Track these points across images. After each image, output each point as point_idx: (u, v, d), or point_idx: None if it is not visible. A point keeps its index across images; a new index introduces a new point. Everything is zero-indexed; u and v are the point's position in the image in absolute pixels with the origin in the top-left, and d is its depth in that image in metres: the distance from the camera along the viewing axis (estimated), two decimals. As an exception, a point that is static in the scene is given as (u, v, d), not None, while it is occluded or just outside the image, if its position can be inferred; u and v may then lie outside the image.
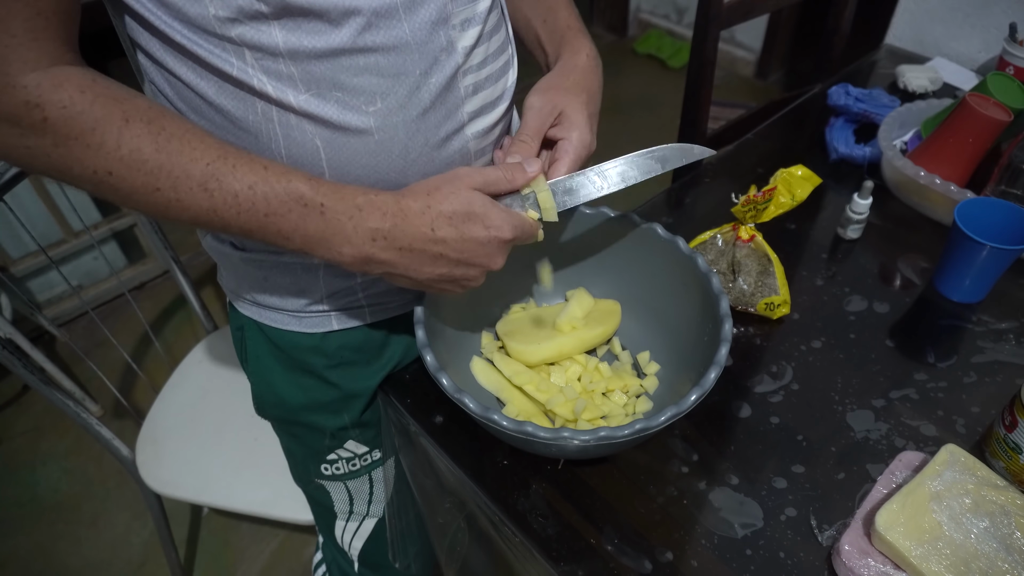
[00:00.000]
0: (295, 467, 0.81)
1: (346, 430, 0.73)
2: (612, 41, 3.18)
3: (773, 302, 0.76)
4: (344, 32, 0.49)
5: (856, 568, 0.54)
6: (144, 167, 0.45)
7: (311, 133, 0.52)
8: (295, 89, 0.50)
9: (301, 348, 0.67)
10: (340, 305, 0.65)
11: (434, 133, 0.56)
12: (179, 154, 0.46)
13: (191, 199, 0.47)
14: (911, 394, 0.70)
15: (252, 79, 0.49)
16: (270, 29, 0.47)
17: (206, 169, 0.46)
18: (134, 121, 0.45)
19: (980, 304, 0.80)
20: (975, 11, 1.21)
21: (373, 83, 0.52)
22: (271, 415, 0.75)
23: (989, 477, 0.57)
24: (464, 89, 0.57)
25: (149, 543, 1.44)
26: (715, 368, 0.55)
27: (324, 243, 0.50)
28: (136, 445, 1.10)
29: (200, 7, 0.46)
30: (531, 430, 0.52)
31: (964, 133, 0.87)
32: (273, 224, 0.49)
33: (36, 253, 1.72)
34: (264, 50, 0.48)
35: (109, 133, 0.44)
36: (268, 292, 0.64)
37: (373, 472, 0.78)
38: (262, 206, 0.48)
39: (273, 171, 0.48)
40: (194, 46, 0.48)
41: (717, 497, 0.62)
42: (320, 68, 0.50)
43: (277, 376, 0.69)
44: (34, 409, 1.70)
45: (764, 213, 0.76)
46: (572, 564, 0.58)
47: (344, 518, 0.81)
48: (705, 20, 1.09)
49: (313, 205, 0.49)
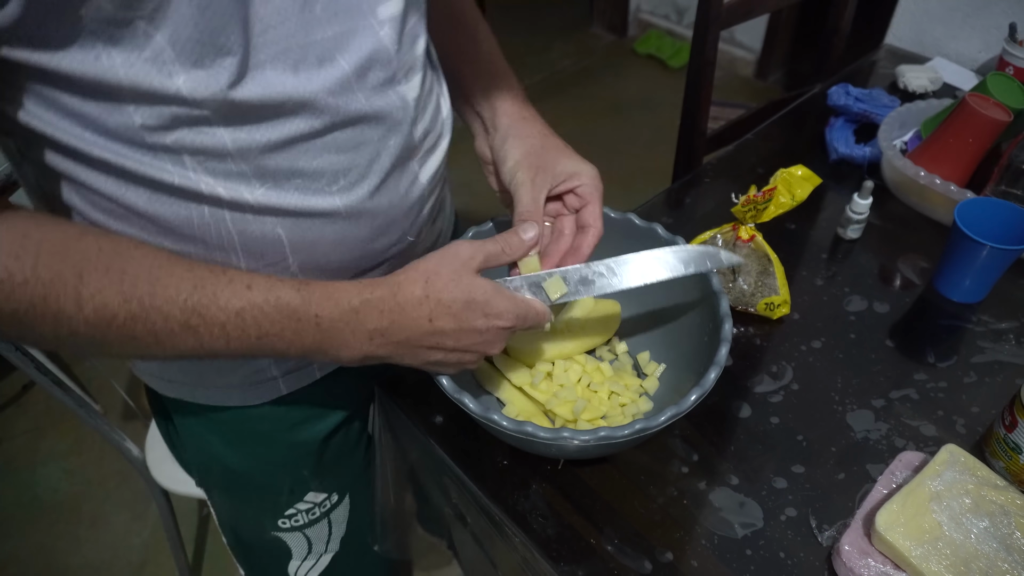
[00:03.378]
0: (243, 526, 0.74)
1: (305, 482, 0.69)
2: (612, 41, 3.18)
3: (773, 302, 0.76)
4: (299, 120, 0.45)
5: (856, 568, 0.54)
6: (115, 321, 0.39)
7: (271, 224, 0.49)
8: (249, 186, 0.46)
9: (248, 419, 0.63)
10: (288, 368, 0.61)
11: (395, 193, 0.54)
12: (151, 297, 0.40)
13: (173, 341, 0.42)
14: (911, 394, 0.70)
15: (198, 184, 0.45)
16: (213, 131, 0.43)
17: (184, 305, 0.41)
18: (89, 274, 0.38)
19: (980, 304, 0.80)
20: (975, 11, 1.21)
21: (334, 161, 0.49)
22: (218, 484, 0.70)
23: (989, 477, 0.57)
24: (418, 140, 0.55)
25: (149, 543, 1.44)
26: (715, 368, 0.55)
27: (321, 351, 0.47)
28: (145, 444, 1.10)
29: (124, 117, 0.40)
30: (531, 430, 0.52)
31: (964, 133, 0.87)
32: (267, 344, 0.45)
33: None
34: (208, 152, 0.44)
35: (65, 298, 0.37)
36: (204, 367, 0.59)
37: (332, 514, 0.74)
38: (253, 330, 0.44)
39: (257, 289, 0.43)
40: (119, 158, 0.42)
41: (717, 497, 0.62)
42: (275, 160, 0.46)
43: (220, 450, 0.65)
44: (34, 409, 1.70)
45: (764, 213, 0.76)
46: (572, 564, 0.58)
47: (300, 560, 0.75)
48: (705, 20, 1.09)
49: (307, 318, 0.45)
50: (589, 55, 3.08)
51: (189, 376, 0.60)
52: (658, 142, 1.70)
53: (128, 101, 0.40)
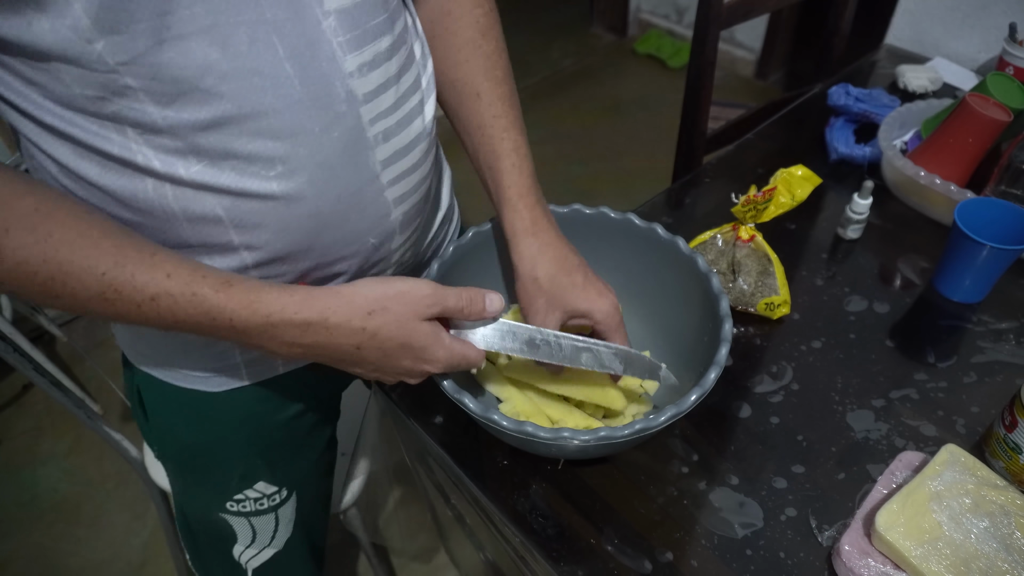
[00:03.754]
0: (192, 503, 0.74)
1: (257, 471, 0.70)
2: (612, 41, 3.18)
3: (773, 302, 0.76)
4: (226, 100, 0.45)
5: (856, 568, 0.54)
6: (36, 278, 0.42)
7: (211, 203, 0.49)
8: (185, 162, 0.47)
9: (209, 402, 0.64)
10: (252, 356, 0.62)
11: (344, 187, 0.53)
12: (70, 264, 0.42)
13: (92, 306, 0.44)
14: (911, 394, 0.70)
15: (136, 155, 0.46)
16: (143, 106, 0.44)
17: (102, 280, 0.43)
18: (16, 231, 0.40)
19: (980, 304, 0.80)
20: (975, 11, 1.21)
21: (270, 147, 0.48)
22: (174, 459, 0.71)
23: (989, 477, 0.57)
24: (373, 138, 0.53)
25: (149, 543, 1.44)
26: (715, 368, 0.55)
27: (244, 344, 0.48)
28: (144, 445, 1.10)
29: (64, 87, 0.42)
30: (531, 430, 0.52)
31: (964, 133, 0.87)
32: (185, 329, 0.46)
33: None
34: (143, 127, 0.45)
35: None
36: (172, 348, 0.61)
37: (280, 510, 0.74)
38: (168, 316, 0.45)
39: (177, 279, 0.44)
40: (69, 126, 0.44)
41: (717, 497, 0.62)
42: (208, 139, 0.46)
43: (180, 426, 0.67)
44: (34, 409, 1.70)
45: (764, 213, 0.76)
46: (572, 564, 0.58)
47: (244, 546, 0.75)
48: (705, 20, 1.09)
49: (222, 319, 0.45)
50: (589, 55, 3.08)
51: (158, 354, 0.62)
52: (658, 142, 1.70)
53: (63, 70, 0.41)
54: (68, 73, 0.42)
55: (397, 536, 0.89)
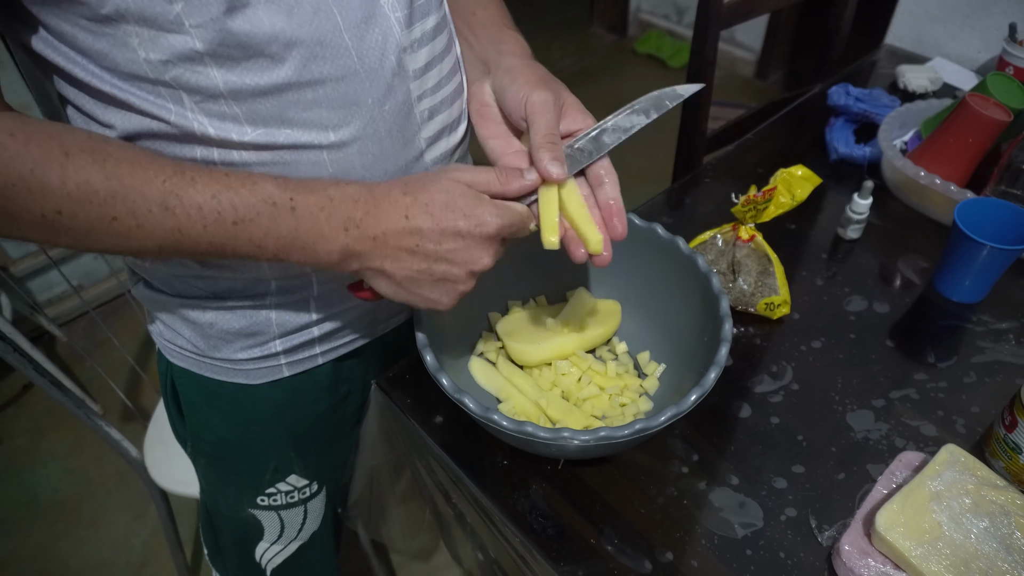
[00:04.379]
0: (222, 500, 0.74)
1: (291, 464, 0.71)
2: (612, 41, 3.18)
3: (773, 302, 0.76)
4: (287, 66, 0.46)
5: (856, 568, 0.54)
6: (96, 198, 0.42)
7: (259, 173, 0.49)
8: (240, 128, 0.48)
9: (247, 396, 0.64)
10: (292, 344, 0.62)
11: (392, 163, 0.54)
12: (131, 176, 0.42)
13: (152, 222, 0.43)
14: (911, 394, 0.70)
15: (192, 123, 0.47)
16: (207, 70, 0.45)
17: (163, 187, 0.43)
18: (75, 153, 0.41)
19: (980, 304, 0.80)
20: (975, 11, 1.21)
21: (324, 116, 0.49)
22: (208, 455, 0.71)
23: (989, 477, 0.57)
24: (420, 115, 0.54)
25: (149, 543, 1.44)
26: (715, 368, 0.55)
27: (298, 243, 0.47)
28: (144, 446, 1.10)
29: (129, 52, 0.43)
30: (531, 430, 0.52)
31: (964, 133, 0.87)
32: (244, 232, 0.45)
33: (36, 253, 1.72)
34: (203, 92, 0.46)
35: (51, 171, 0.40)
36: (212, 341, 0.61)
37: (309, 503, 0.75)
38: (229, 214, 0.44)
39: (236, 177, 0.45)
40: (125, 95, 0.45)
41: (717, 497, 0.62)
42: (266, 106, 0.47)
43: (216, 422, 0.67)
44: (34, 409, 1.70)
45: (764, 213, 0.76)
46: (572, 564, 0.58)
47: (270, 543, 0.76)
48: (705, 20, 1.09)
49: (283, 203, 0.45)
50: (589, 55, 3.08)
51: (198, 346, 0.62)
52: (658, 142, 1.70)
53: (133, 33, 0.42)
54: (138, 36, 0.42)
55: (397, 534, 0.90)
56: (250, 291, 0.59)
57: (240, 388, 0.64)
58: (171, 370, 0.67)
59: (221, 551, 0.80)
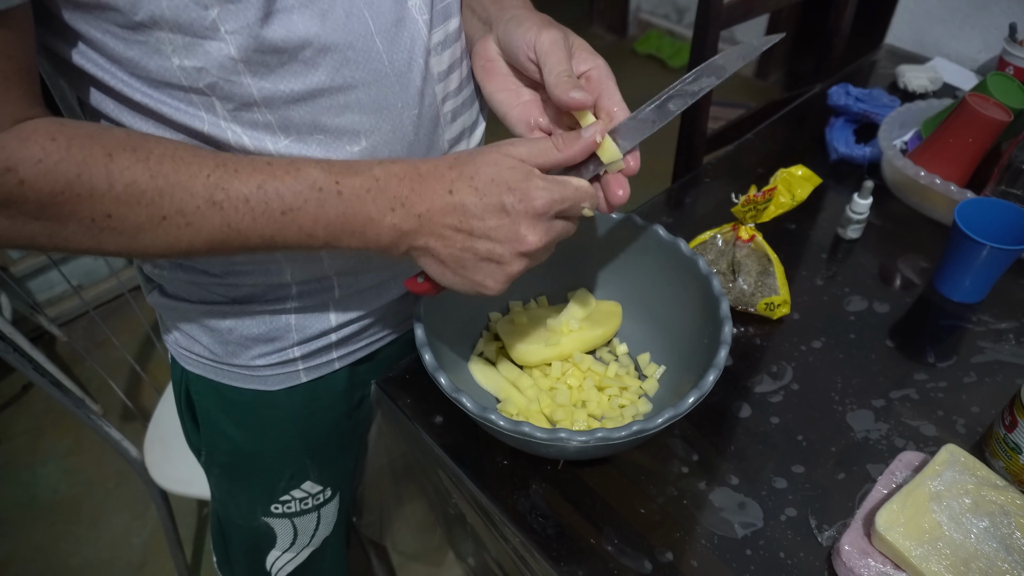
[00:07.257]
0: (235, 509, 0.74)
1: (306, 470, 0.70)
2: (612, 41, 3.18)
3: (773, 302, 0.76)
4: (320, 72, 0.46)
5: (856, 568, 0.54)
6: (143, 198, 0.41)
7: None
8: (274, 137, 0.48)
9: (264, 403, 0.64)
10: (311, 349, 0.62)
11: None
12: (176, 173, 0.42)
13: (201, 219, 0.43)
14: (911, 394, 0.70)
15: (226, 132, 0.46)
16: (240, 78, 0.44)
17: (208, 181, 0.42)
18: (118, 153, 0.41)
19: (980, 304, 0.80)
20: (975, 11, 1.21)
21: (356, 121, 0.49)
22: (223, 463, 0.71)
23: (989, 477, 0.57)
24: (444, 117, 0.55)
25: (149, 543, 1.44)
26: (714, 371, 0.55)
27: (348, 228, 0.46)
28: (144, 446, 1.10)
29: (163, 59, 0.43)
30: (528, 430, 0.52)
31: (964, 133, 0.87)
32: (293, 222, 0.45)
33: (36, 252, 1.72)
34: (237, 100, 0.45)
35: (96, 174, 0.40)
36: (230, 347, 0.61)
37: (323, 509, 0.75)
38: (276, 204, 0.44)
39: (279, 164, 0.44)
40: (157, 104, 0.45)
41: (717, 497, 0.62)
42: (299, 112, 0.47)
43: (232, 429, 0.67)
44: (34, 409, 1.70)
45: (764, 213, 0.76)
46: (572, 564, 0.58)
47: (281, 551, 0.76)
48: (705, 20, 1.09)
49: (328, 188, 0.44)
50: (589, 55, 3.08)
51: (216, 353, 0.62)
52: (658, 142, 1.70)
53: (166, 40, 0.42)
54: (171, 43, 0.42)
55: (397, 535, 0.90)
56: (271, 296, 0.58)
57: (257, 395, 0.64)
58: (186, 378, 0.66)
59: (230, 560, 0.79)
